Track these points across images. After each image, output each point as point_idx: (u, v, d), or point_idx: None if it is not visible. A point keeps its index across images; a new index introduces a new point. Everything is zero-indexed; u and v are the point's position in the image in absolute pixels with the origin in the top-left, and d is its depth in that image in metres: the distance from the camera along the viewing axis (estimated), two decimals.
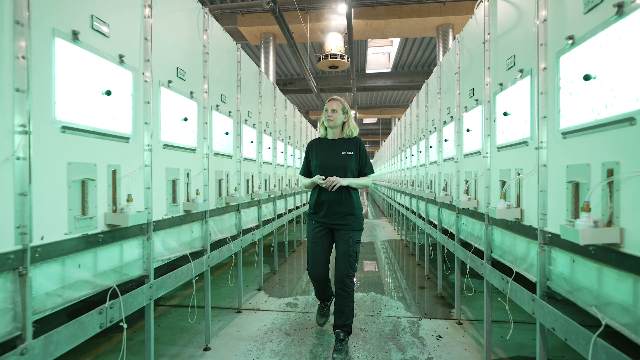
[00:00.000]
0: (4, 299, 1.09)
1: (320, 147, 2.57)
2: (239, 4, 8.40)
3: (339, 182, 2.37)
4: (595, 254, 1.26)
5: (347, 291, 2.40)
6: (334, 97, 2.56)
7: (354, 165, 2.47)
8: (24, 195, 1.15)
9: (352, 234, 2.43)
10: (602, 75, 1.23)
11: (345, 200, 2.46)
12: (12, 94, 1.13)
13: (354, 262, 2.43)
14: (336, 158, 2.48)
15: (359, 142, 2.54)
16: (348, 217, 2.45)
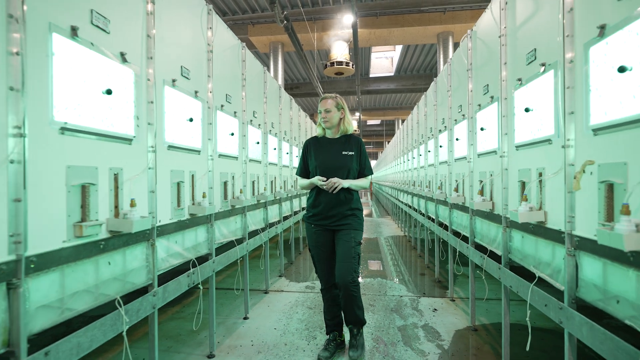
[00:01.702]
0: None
1: (319, 147, 2.44)
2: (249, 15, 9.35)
3: (340, 184, 2.27)
4: (635, 261, 1.16)
5: (352, 293, 2.28)
6: (325, 95, 2.42)
7: (355, 166, 2.38)
8: (19, 202, 1.07)
9: (353, 234, 2.33)
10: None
11: (346, 200, 2.35)
12: (6, 93, 1.05)
13: (357, 264, 2.30)
14: (338, 158, 2.38)
15: (359, 142, 2.43)
16: (349, 217, 2.35)
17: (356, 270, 2.29)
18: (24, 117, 1.09)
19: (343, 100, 2.45)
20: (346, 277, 2.24)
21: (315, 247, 2.41)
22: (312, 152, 2.44)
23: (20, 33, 1.08)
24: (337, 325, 2.46)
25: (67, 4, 1.28)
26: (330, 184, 2.26)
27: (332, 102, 2.39)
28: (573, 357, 1.52)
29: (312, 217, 2.41)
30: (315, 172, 2.38)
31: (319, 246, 2.39)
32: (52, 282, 1.19)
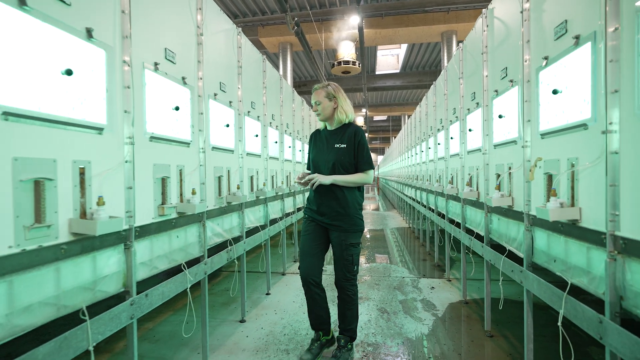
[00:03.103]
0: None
1: (317, 140, 2.30)
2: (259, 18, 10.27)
3: (318, 181, 2.08)
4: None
5: (348, 294, 2.19)
6: (316, 86, 2.24)
7: (346, 160, 2.14)
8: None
9: (344, 236, 2.14)
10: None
11: (339, 198, 2.15)
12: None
13: (351, 266, 2.16)
14: (329, 151, 2.18)
15: (356, 133, 2.18)
16: (341, 217, 2.15)
17: (350, 270, 2.16)
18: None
19: (336, 87, 2.24)
20: (341, 277, 2.17)
21: (303, 235, 2.27)
22: (311, 146, 2.33)
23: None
24: (320, 323, 2.27)
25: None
26: (307, 180, 2.10)
27: (322, 92, 2.20)
28: None
29: (307, 209, 2.30)
30: (310, 166, 2.29)
31: (307, 234, 2.24)
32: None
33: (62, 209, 1.20)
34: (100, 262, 1.37)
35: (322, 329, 2.28)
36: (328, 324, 2.30)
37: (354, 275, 2.20)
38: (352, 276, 2.19)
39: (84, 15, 1.31)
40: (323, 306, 2.24)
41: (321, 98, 2.19)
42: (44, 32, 1.15)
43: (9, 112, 1.03)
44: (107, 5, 1.44)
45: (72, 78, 1.23)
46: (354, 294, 2.21)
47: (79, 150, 1.28)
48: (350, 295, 2.21)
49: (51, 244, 1.16)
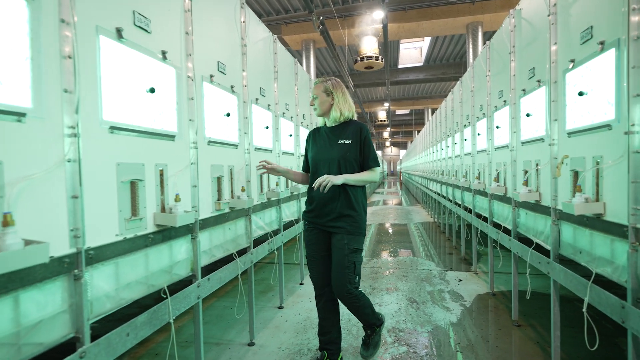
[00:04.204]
0: (61, 302, 1.08)
1: (317, 138, 2.12)
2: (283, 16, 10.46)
3: (330, 181, 1.85)
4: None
5: (353, 305, 1.96)
6: (316, 80, 2.12)
7: (352, 156, 1.99)
8: (76, 198, 1.13)
9: (347, 239, 1.93)
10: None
11: (341, 197, 1.96)
12: (61, 95, 1.10)
13: (352, 274, 1.91)
14: (333, 148, 2.01)
15: (359, 128, 2.02)
16: (343, 218, 1.95)
17: (352, 281, 1.92)
18: (77, 118, 1.13)
19: (336, 83, 2.07)
20: (339, 288, 1.93)
21: (307, 245, 2.09)
22: (310, 144, 2.16)
23: (72, 35, 1.12)
24: (328, 342, 2.08)
25: (112, 6, 1.31)
26: (317, 184, 1.87)
27: (321, 86, 2.07)
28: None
29: (306, 213, 2.10)
30: (311, 165, 2.10)
31: (311, 245, 2.06)
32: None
33: (149, 205, 1.45)
34: (175, 250, 1.62)
35: (329, 350, 2.07)
36: (336, 344, 2.09)
37: (355, 287, 1.93)
38: (353, 288, 1.92)
39: (160, 40, 1.55)
40: (334, 320, 2.09)
41: (319, 92, 2.07)
42: (133, 57, 1.39)
43: (114, 126, 1.28)
44: (175, 28, 1.67)
45: (153, 95, 1.47)
46: (357, 301, 1.96)
47: (159, 155, 1.52)
48: (354, 304, 1.96)
49: (142, 234, 1.41)
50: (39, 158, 1.03)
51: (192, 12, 1.77)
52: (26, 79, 0.99)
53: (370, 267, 4.35)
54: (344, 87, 2.10)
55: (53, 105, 1.07)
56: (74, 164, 1.12)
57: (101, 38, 1.24)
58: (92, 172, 1.20)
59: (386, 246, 5.57)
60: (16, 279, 0.94)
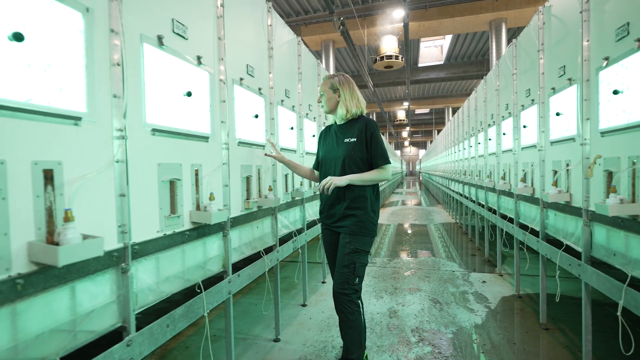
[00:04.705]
0: (110, 293, 1.16)
1: (326, 136, 2.09)
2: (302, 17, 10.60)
3: (333, 183, 1.82)
4: None
5: (345, 312, 1.83)
6: (324, 77, 2.07)
7: (358, 155, 1.90)
8: (123, 196, 1.20)
9: (349, 239, 1.86)
10: None
11: (345, 197, 1.91)
12: (110, 100, 1.18)
13: (351, 275, 1.82)
14: (339, 147, 1.96)
15: (366, 126, 1.93)
16: (348, 218, 1.90)
17: (349, 282, 1.82)
18: (124, 121, 1.21)
19: (344, 80, 2.01)
20: (336, 286, 1.86)
21: (323, 246, 2.12)
22: (320, 142, 2.14)
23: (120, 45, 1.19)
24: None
25: (154, 15, 1.39)
26: (320, 187, 1.87)
27: (327, 83, 2.02)
28: None
29: (319, 214, 2.10)
30: (320, 165, 2.08)
31: (325, 245, 2.07)
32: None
33: (185, 203, 1.52)
34: (208, 246, 1.69)
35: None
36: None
37: (354, 289, 1.83)
38: (351, 290, 1.82)
39: (195, 46, 1.62)
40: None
41: (325, 89, 2.02)
42: (172, 63, 1.46)
43: (155, 128, 1.36)
44: (208, 34, 1.74)
45: (190, 98, 1.54)
46: (351, 313, 1.82)
47: (194, 155, 1.59)
48: (347, 315, 1.82)
49: (179, 230, 1.48)
50: (92, 159, 1.10)
51: (224, 17, 1.84)
52: (81, 85, 1.07)
53: (391, 267, 4.35)
54: (353, 83, 2.03)
55: (104, 109, 1.15)
56: (122, 164, 1.20)
57: (145, 46, 1.32)
58: (137, 172, 1.28)
59: (406, 247, 5.54)
60: (73, 271, 1.02)
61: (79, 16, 1.07)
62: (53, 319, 0.97)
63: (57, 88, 0.99)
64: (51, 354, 0.96)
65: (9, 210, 0.87)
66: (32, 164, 0.92)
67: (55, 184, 0.98)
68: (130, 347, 1.18)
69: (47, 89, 0.97)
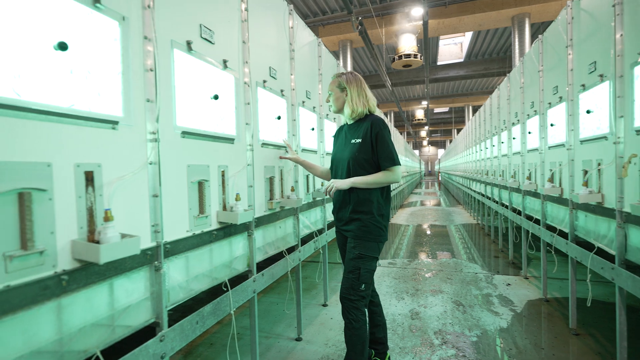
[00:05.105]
0: (144, 290, 1.21)
1: (339, 137, 2.06)
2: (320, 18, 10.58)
3: (334, 186, 1.82)
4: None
5: (349, 318, 1.78)
6: (333, 75, 2.03)
7: (362, 157, 1.83)
8: (156, 197, 1.25)
9: (354, 243, 1.82)
10: None
11: (349, 201, 1.86)
12: (144, 105, 1.22)
13: (356, 282, 1.76)
14: (346, 148, 1.92)
15: (370, 125, 1.84)
16: (353, 221, 1.85)
17: (354, 287, 1.76)
18: (157, 125, 1.25)
19: (352, 78, 1.95)
20: (341, 291, 1.84)
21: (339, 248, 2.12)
22: (334, 143, 2.13)
23: (154, 50, 1.24)
24: (372, 342, 2.06)
25: (183, 21, 1.43)
26: (324, 189, 1.86)
27: (335, 81, 1.97)
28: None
29: (332, 214, 2.09)
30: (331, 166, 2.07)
31: (338, 247, 2.10)
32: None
33: (212, 203, 1.56)
34: (234, 246, 1.73)
35: (375, 349, 2.07)
36: (382, 344, 2.07)
37: (360, 295, 1.76)
38: (357, 296, 1.76)
39: (221, 50, 1.66)
40: (375, 321, 2.05)
41: (333, 88, 1.97)
42: (200, 67, 1.51)
43: (185, 131, 1.40)
44: (233, 38, 1.78)
45: (217, 101, 1.58)
46: (355, 320, 1.75)
47: (221, 157, 1.63)
48: (351, 321, 1.77)
49: (207, 230, 1.52)
50: (128, 161, 1.15)
51: (248, 21, 1.87)
52: (118, 91, 1.12)
53: (411, 269, 4.30)
54: (361, 81, 1.96)
55: (138, 113, 1.19)
56: (155, 166, 1.24)
57: (175, 51, 1.36)
58: (168, 173, 1.32)
59: (426, 248, 5.47)
60: (112, 268, 1.07)
61: (115, 24, 1.12)
62: (94, 314, 1.02)
63: (96, 94, 1.04)
64: (92, 347, 1.01)
65: (54, 210, 0.92)
66: (74, 166, 0.97)
67: (95, 185, 1.03)
68: (163, 342, 1.22)
69: (88, 94, 1.02)
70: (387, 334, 2.13)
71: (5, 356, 0.81)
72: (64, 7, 0.95)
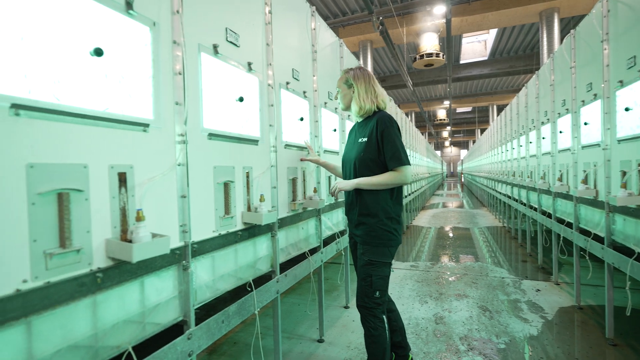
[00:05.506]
0: (172, 289, 1.23)
1: (350, 135, 1.99)
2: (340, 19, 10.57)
3: (337, 188, 1.79)
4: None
5: (367, 326, 1.73)
6: (342, 71, 1.95)
7: (367, 157, 1.75)
8: (184, 198, 1.28)
9: (362, 249, 1.76)
10: None
11: (357, 203, 1.79)
12: (173, 108, 1.25)
13: (369, 289, 1.70)
14: (353, 148, 1.86)
15: (375, 123, 1.75)
16: (360, 226, 1.78)
17: (368, 295, 1.70)
18: (185, 127, 1.28)
19: (359, 74, 1.86)
20: (358, 299, 1.78)
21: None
22: (346, 142, 2.05)
23: (182, 54, 1.27)
24: (393, 346, 1.99)
25: (209, 25, 1.46)
26: (330, 191, 1.82)
27: (343, 78, 1.90)
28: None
29: None
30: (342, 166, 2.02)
31: (350, 252, 2.03)
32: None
33: (237, 204, 1.58)
34: (258, 246, 1.74)
35: (396, 352, 2.01)
36: (402, 347, 2.00)
37: (376, 303, 1.70)
38: (372, 304, 1.70)
39: (246, 53, 1.68)
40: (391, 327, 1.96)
41: (340, 84, 1.91)
42: (225, 70, 1.53)
43: (211, 133, 1.42)
44: (257, 40, 1.79)
45: (241, 103, 1.60)
46: (374, 328, 1.70)
47: (245, 158, 1.65)
48: (369, 329, 1.71)
49: (233, 230, 1.54)
50: (158, 163, 1.18)
51: (272, 24, 1.89)
52: (149, 94, 1.15)
53: (434, 272, 4.21)
54: (369, 77, 1.87)
55: (167, 116, 1.22)
56: (183, 167, 1.27)
57: (202, 55, 1.39)
58: (195, 174, 1.35)
59: (449, 251, 5.34)
60: (143, 266, 1.10)
61: (146, 30, 1.15)
62: (126, 311, 1.05)
63: (128, 97, 1.07)
64: (124, 343, 1.04)
65: (90, 210, 0.95)
66: (109, 167, 1.01)
67: (128, 186, 1.06)
68: (190, 340, 1.24)
69: (121, 98, 1.05)
70: (406, 336, 2.07)
71: (45, 349, 0.84)
72: (99, 14, 0.99)
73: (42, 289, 0.84)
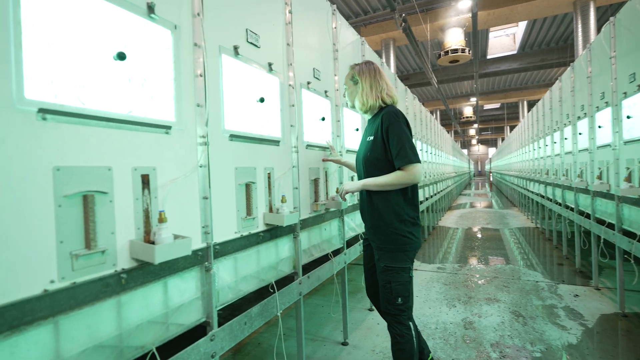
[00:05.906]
0: (195, 290, 1.24)
1: (363, 134, 1.90)
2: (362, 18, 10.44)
3: (344, 189, 1.72)
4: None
5: (392, 333, 1.65)
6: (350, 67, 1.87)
7: (374, 156, 1.66)
8: (206, 199, 1.28)
9: (378, 255, 1.67)
10: None
11: (368, 205, 1.71)
12: (194, 109, 1.26)
13: (390, 295, 1.61)
14: (362, 147, 1.79)
15: (381, 119, 1.64)
16: (373, 230, 1.70)
17: (391, 302, 1.61)
18: (207, 129, 1.28)
19: (365, 69, 1.77)
20: (382, 306, 1.69)
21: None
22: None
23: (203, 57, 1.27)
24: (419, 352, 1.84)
25: (230, 26, 1.46)
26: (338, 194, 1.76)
27: (349, 74, 1.82)
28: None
29: None
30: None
31: (364, 254, 1.92)
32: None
33: (259, 205, 1.57)
34: (280, 248, 1.73)
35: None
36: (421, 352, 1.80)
37: (399, 309, 1.61)
38: (396, 310, 1.62)
39: (266, 53, 1.67)
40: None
41: (347, 81, 1.84)
42: (246, 71, 1.53)
43: (233, 134, 1.42)
44: (278, 41, 1.79)
45: (262, 104, 1.59)
46: (400, 335, 1.61)
47: (267, 159, 1.64)
48: (395, 336, 1.63)
49: (255, 232, 1.53)
50: (180, 164, 1.19)
51: (292, 24, 1.88)
52: (170, 96, 1.16)
53: (463, 274, 4.06)
54: (375, 70, 1.77)
55: (189, 118, 1.23)
56: (205, 169, 1.28)
57: (223, 56, 1.39)
58: (217, 176, 1.35)
59: (478, 252, 5.14)
60: (166, 268, 1.11)
61: (168, 33, 1.16)
62: (150, 312, 1.06)
63: (151, 100, 1.09)
64: (148, 343, 1.04)
65: (114, 211, 0.97)
66: (132, 169, 1.02)
67: (151, 188, 1.07)
68: (213, 341, 1.24)
69: (144, 101, 1.06)
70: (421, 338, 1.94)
71: (72, 349, 0.86)
72: (121, 19, 1.01)
73: (68, 290, 0.85)
